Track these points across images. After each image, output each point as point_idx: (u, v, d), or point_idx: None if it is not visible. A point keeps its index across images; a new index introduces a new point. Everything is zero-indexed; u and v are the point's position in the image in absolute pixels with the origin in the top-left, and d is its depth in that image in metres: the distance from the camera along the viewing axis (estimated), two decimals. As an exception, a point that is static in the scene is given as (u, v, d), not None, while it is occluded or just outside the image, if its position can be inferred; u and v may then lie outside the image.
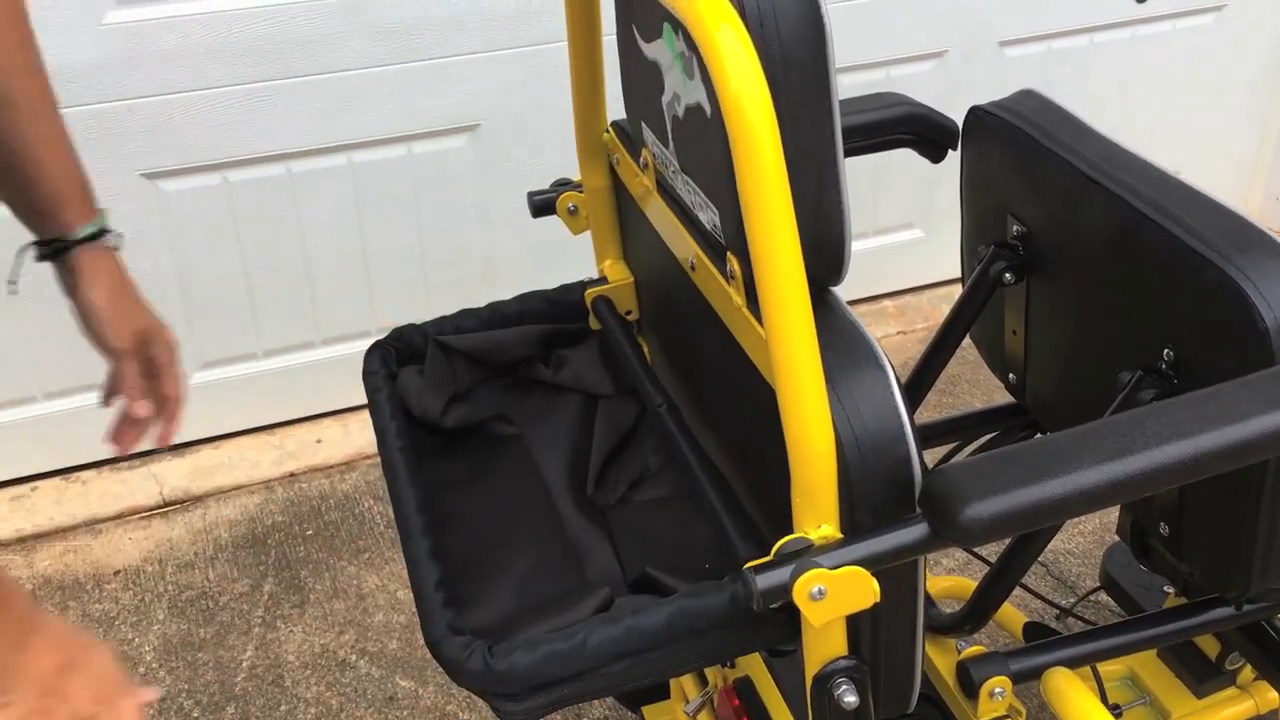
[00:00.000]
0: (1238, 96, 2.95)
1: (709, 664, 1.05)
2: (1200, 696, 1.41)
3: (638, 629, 0.88)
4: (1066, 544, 2.12)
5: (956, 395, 2.50)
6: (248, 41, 2.12)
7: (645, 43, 1.03)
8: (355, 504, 2.30)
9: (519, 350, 1.30)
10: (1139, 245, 1.09)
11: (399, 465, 1.10)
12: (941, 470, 0.85)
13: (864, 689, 0.90)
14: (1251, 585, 1.09)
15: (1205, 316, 1.03)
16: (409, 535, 1.02)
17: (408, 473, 1.08)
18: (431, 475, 1.14)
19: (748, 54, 0.76)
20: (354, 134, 2.26)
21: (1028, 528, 0.87)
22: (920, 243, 2.78)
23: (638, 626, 0.88)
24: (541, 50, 2.29)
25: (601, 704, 1.85)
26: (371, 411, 1.19)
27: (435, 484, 1.14)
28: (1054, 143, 1.21)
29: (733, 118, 0.76)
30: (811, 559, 0.81)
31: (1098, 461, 0.83)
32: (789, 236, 0.77)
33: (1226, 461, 0.85)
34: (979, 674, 1.13)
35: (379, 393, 1.20)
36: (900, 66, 2.58)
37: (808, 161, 0.88)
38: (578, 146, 1.28)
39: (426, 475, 1.11)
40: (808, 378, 0.80)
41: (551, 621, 0.93)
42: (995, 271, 1.28)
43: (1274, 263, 0.99)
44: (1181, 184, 1.12)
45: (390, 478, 1.10)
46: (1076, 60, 2.72)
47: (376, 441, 1.15)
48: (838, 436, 0.83)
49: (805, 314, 0.79)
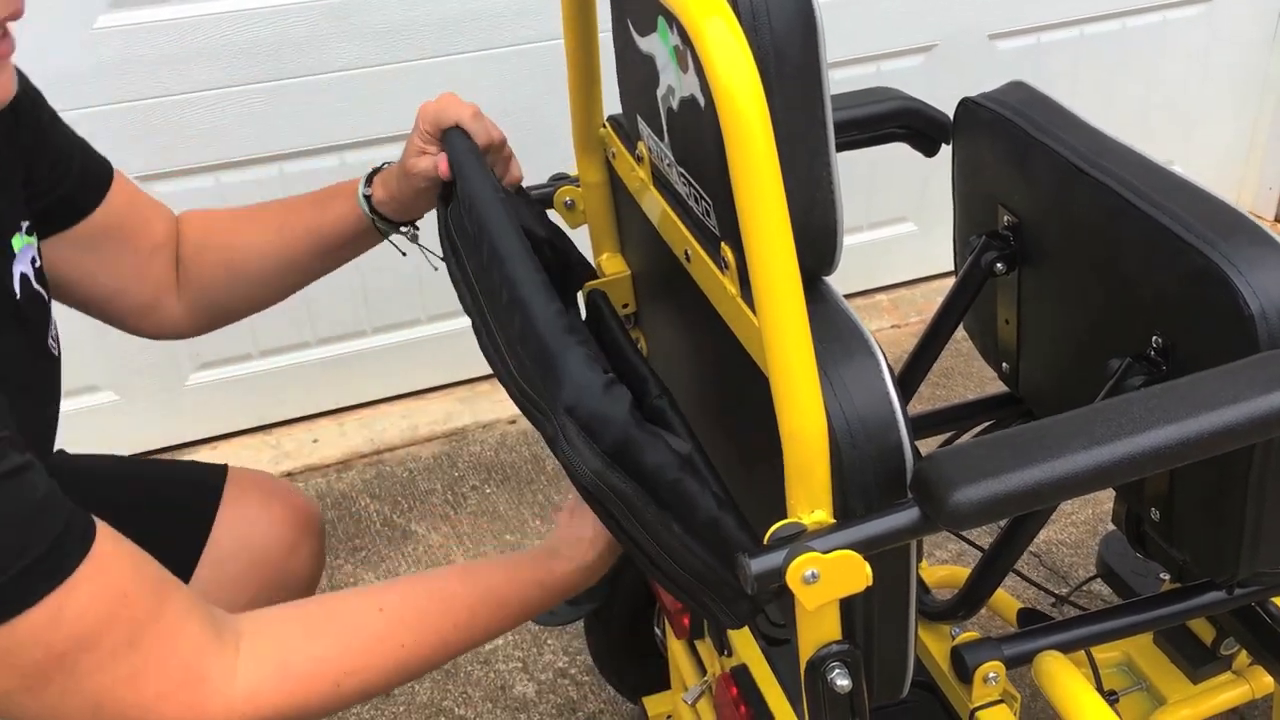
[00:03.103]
0: (1228, 87, 2.97)
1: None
2: (1196, 681, 1.42)
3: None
4: (1059, 534, 2.14)
5: (950, 388, 2.52)
6: (240, 44, 2.13)
7: (640, 37, 1.05)
8: (352, 503, 2.31)
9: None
10: (1126, 233, 1.10)
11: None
12: (932, 456, 0.86)
13: (857, 673, 0.90)
14: (1241, 569, 1.10)
15: (1191, 303, 1.04)
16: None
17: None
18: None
19: (740, 46, 0.77)
20: (347, 135, 2.27)
21: (1016, 511, 0.89)
22: (914, 236, 2.79)
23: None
24: (535, 48, 2.30)
25: (598, 696, 1.87)
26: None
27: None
28: (1043, 133, 1.22)
29: (725, 109, 0.77)
30: (804, 543, 0.82)
31: (1084, 446, 0.84)
32: (781, 226, 0.78)
33: (1211, 446, 0.87)
34: (973, 659, 1.15)
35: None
36: (890, 60, 2.59)
37: (800, 153, 0.89)
38: (574, 141, 1.29)
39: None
40: (800, 365, 0.81)
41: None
42: (987, 262, 1.29)
43: (1258, 249, 1.01)
44: (1168, 172, 1.14)
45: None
46: (1067, 52, 2.73)
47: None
48: (830, 423, 0.84)
49: (797, 302, 0.80)
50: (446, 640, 1.02)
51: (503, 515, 2.26)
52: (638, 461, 0.89)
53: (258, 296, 1.35)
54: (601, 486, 0.89)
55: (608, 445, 0.88)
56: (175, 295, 1.31)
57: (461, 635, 1.03)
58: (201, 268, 1.31)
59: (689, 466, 0.91)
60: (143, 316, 1.30)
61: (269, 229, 1.32)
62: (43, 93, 1.18)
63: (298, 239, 1.31)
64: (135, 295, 1.28)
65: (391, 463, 2.42)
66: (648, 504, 0.89)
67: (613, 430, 0.88)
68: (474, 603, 1.04)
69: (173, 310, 1.31)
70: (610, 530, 0.95)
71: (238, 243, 1.32)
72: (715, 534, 0.91)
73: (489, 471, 2.38)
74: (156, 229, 1.29)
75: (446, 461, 2.42)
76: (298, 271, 1.34)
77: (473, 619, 1.04)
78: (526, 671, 1.92)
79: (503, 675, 1.92)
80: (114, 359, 2.29)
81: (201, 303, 1.32)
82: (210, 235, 1.32)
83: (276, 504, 1.35)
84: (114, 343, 2.27)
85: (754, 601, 0.94)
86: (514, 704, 1.87)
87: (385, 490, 2.35)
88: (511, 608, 1.07)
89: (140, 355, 2.30)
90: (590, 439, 0.88)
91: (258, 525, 1.32)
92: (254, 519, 1.33)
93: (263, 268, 1.32)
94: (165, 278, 1.30)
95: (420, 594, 1.04)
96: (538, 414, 0.96)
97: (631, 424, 0.88)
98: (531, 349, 0.94)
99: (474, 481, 2.36)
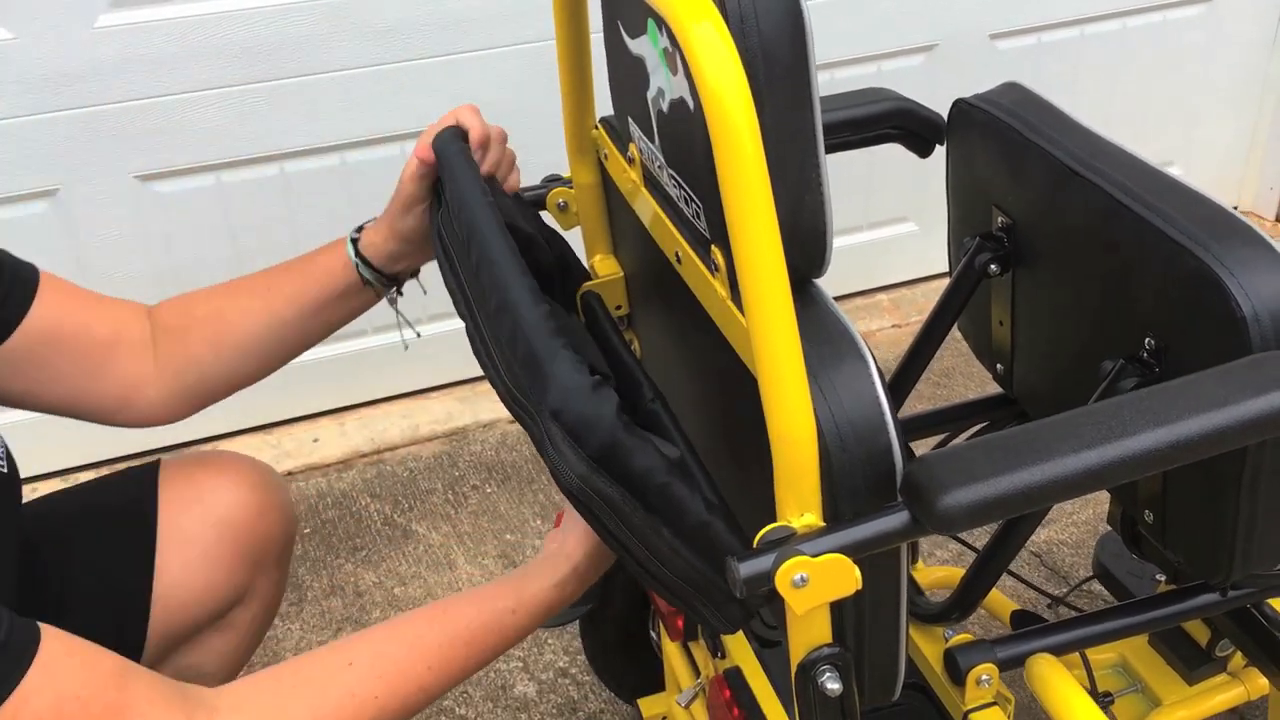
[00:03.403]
0: (1229, 87, 2.96)
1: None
2: (1191, 683, 1.42)
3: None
4: (1060, 534, 2.14)
5: (950, 388, 2.51)
6: (240, 43, 2.14)
7: (630, 39, 1.05)
8: (352, 502, 2.31)
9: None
10: (1119, 235, 1.10)
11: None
12: (922, 459, 0.86)
13: (848, 676, 0.90)
14: (1235, 571, 1.10)
15: (1184, 305, 1.04)
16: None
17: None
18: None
19: (727, 48, 0.77)
20: (347, 134, 2.28)
21: (1007, 514, 0.88)
22: (914, 236, 2.79)
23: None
24: (530, 49, 2.30)
25: (598, 696, 1.87)
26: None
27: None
28: (1036, 134, 1.22)
29: (712, 111, 0.77)
30: (794, 547, 0.82)
31: (1075, 449, 0.84)
32: (769, 228, 0.78)
33: (1202, 449, 0.86)
34: (966, 661, 1.14)
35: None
36: (890, 60, 2.59)
37: (789, 155, 0.89)
38: (567, 143, 1.29)
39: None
40: (789, 367, 0.81)
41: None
42: (981, 263, 1.29)
43: (1251, 251, 1.00)
44: (1161, 174, 1.13)
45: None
46: (1067, 52, 2.73)
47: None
48: (819, 426, 0.84)
49: (785, 304, 0.80)
50: (423, 684, 1.01)
51: (503, 515, 2.27)
52: (625, 465, 0.88)
53: (245, 369, 1.29)
54: (587, 491, 0.88)
55: (594, 449, 0.87)
56: (153, 386, 1.25)
57: (437, 677, 1.02)
58: (187, 347, 1.26)
59: (678, 470, 0.90)
60: (115, 414, 1.26)
61: (254, 295, 1.28)
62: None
63: (284, 300, 1.27)
64: (97, 398, 1.24)
65: (392, 462, 2.42)
66: (635, 508, 0.89)
67: (599, 434, 0.87)
68: (444, 642, 1.03)
69: (150, 401, 1.26)
70: (600, 536, 0.95)
71: (221, 314, 1.28)
72: (705, 538, 0.91)
73: (490, 471, 2.39)
74: (99, 330, 1.22)
75: (447, 461, 2.42)
76: (287, 337, 1.29)
77: (446, 659, 1.03)
78: (527, 671, 1.92)
79: (503, 675, 1.92)
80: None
81: (184, 385, 1.27)
82: (191, 315, 1.28)
83: (230, 474, 1.33)
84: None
85: (745, 605, 0.94)
86: (514, 704, 1.87)
87: (386, 490, 2.35)
88: (486, 640, 1.06)
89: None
90: (576, 443, 0.88)
91: (217, 496, 1.30)
92: (209, 494, 1.30)
93: (249, 335, 1.27)
94: (132, 373, 1.24)
95: (389, 642, 1.03)
96: (527, 418, 0.96)
97: (619, 427, 0.88)
98: (520, 352, 0.94)
99: (475, 481, 2.36)
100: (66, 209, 2.16)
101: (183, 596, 1.28)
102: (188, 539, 1.28)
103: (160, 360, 1.25)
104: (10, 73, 2.01)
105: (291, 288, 1.27)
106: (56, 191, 2.15)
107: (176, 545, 1.28)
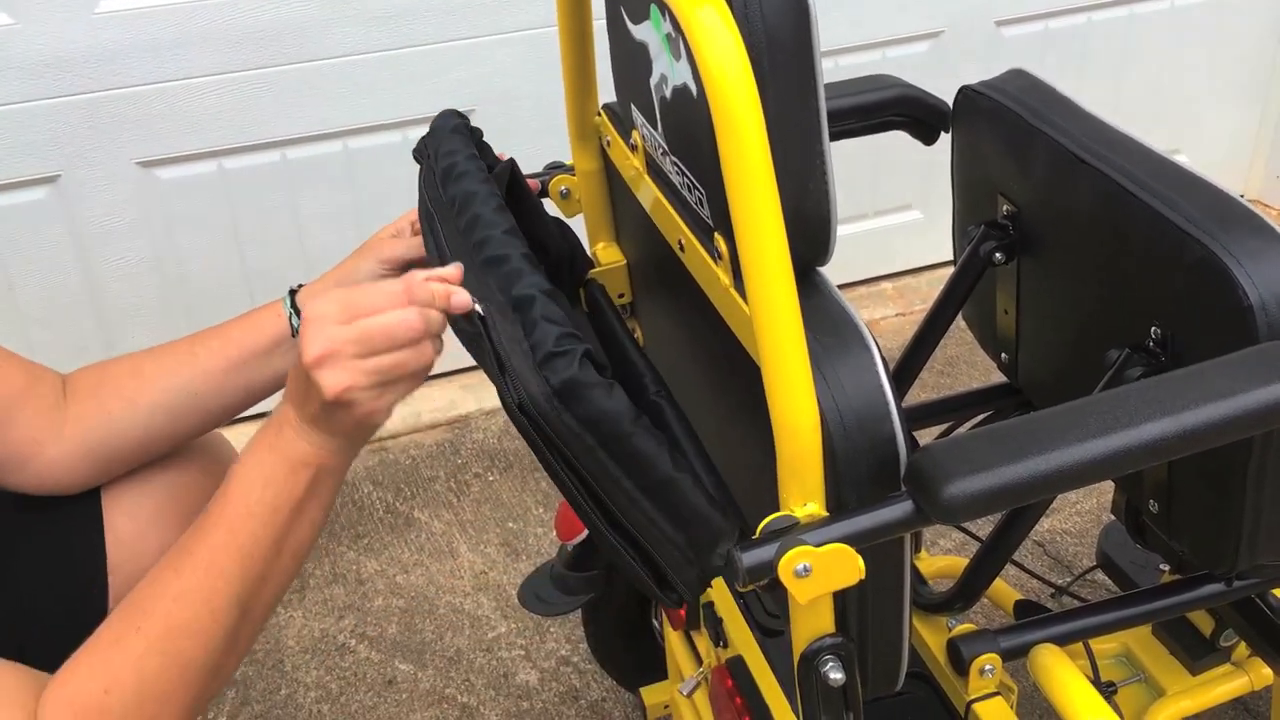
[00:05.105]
0: (1237, 74, 2.95)
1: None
2: (1195, 673, 1.42)
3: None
4: (1064, 523, 2.13)
5: (955, 377, 2.51)
6: (242, 29, 2.13)
7: (633, 24, 1.04)
8: (354, 490, 2.31)
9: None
10: (1125, 223, 1.09)
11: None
12: (926, 448, 0.86)
13: (851, 666, 0.90)
14: (1240, 561, 1.10)
15: (1190, 294, 1.03)
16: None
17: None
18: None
19: (731, 34, 0.76)
20: (349, 120, 2.27)
21: (1011, 504, 0.88)
22: (919, 224, 2.78)
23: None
24: (533, 35, 2.29)
25: (600, 684, 1.87)
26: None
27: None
28: (1042, 121, 1.21)
29: (715, 97, 0.76)
30: (797, 536, 0.82)
31: (1080, 439, 0.84)
32: (772, 215, 0.78)
33: (1208, 439, 0.86)
34: (969, 651, 1.14)
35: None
36: (896, 47, 2.57)
37: (792, 142, 0.88)
38: (569, 130, 1.28)
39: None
40: (792, 355, 0.80)
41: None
42: (985, 251, 1.28)
43: (1258, 240, 1.00)
44: (1168, 161, 1.13)
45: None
46: (1074, 39, 2.72)
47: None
48: (823, 415, 0.84)
49: (789, 291, 0.79)
50: (214, 611, 0.98)
51: (505, 503, 2.26)
52: (589, 403, 0.87)
53: (156, 425, 1.22)
54: (546, 415, 0.87)
55: (558, 382, 0.86)
56: (55, 445, 1.19)
57: (230, 587, 0.98)
58: (100, 403, 1.21)
59: (644, 422, 0.90)
60: (13, 473, 1.19)
61: (175, 352, 1.23)
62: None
63: (208, 353, 1.23)
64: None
65: (394, 450, 2.42)
66: (594, 449, 0.88)
67: (562, 368, 0.86)
68: (210, 553, 0.97)
69: (50, 460, 1.20)
70: (554, 480, 0.94)
71: (139, 370, 1.23)
72: (670, 495, 0.90)
73: (492, 459, 2.38)
74: (2, 386, 1.17)
75: (449, 449, 2.42)
76: (203, 392, 1.23)
77: (218, 569, 0.97)
78: (529, 659, 1.92)
79: (505, 663, 1.92)
80: (114, 353, 2.30)
81: (89, 446, 1.20)
82: (106, 373, 1.24)
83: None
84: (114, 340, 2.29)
85: (703, 571, 0.93)
86: (517, 691, 1.87)
87: (388, 477, 2.35)
88: (253, 525, 0.98)
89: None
90: (542, 373, 0.87)
91: (159, 460, 1.27)
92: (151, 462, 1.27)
93: (164, 391, 1.21)
94: (35, 428, 1.18)
95: (148, 591, 0.99)
96: (495, 363, 0.94)
97: (590, 368, 0.87)
98: (498, 280, 0.95)
99: (477, 469, 2.36)
100: (68, 195, 2.16)
101: (142, 562, 1.23)
102: (136, 503, 1.25)
103: (70, 420, 1.20)
104: (11, 58, 2.00)
105: (217, 341, 1.24)
106: (58, 178, 2.14)
107: (125, 511, 1.24)
